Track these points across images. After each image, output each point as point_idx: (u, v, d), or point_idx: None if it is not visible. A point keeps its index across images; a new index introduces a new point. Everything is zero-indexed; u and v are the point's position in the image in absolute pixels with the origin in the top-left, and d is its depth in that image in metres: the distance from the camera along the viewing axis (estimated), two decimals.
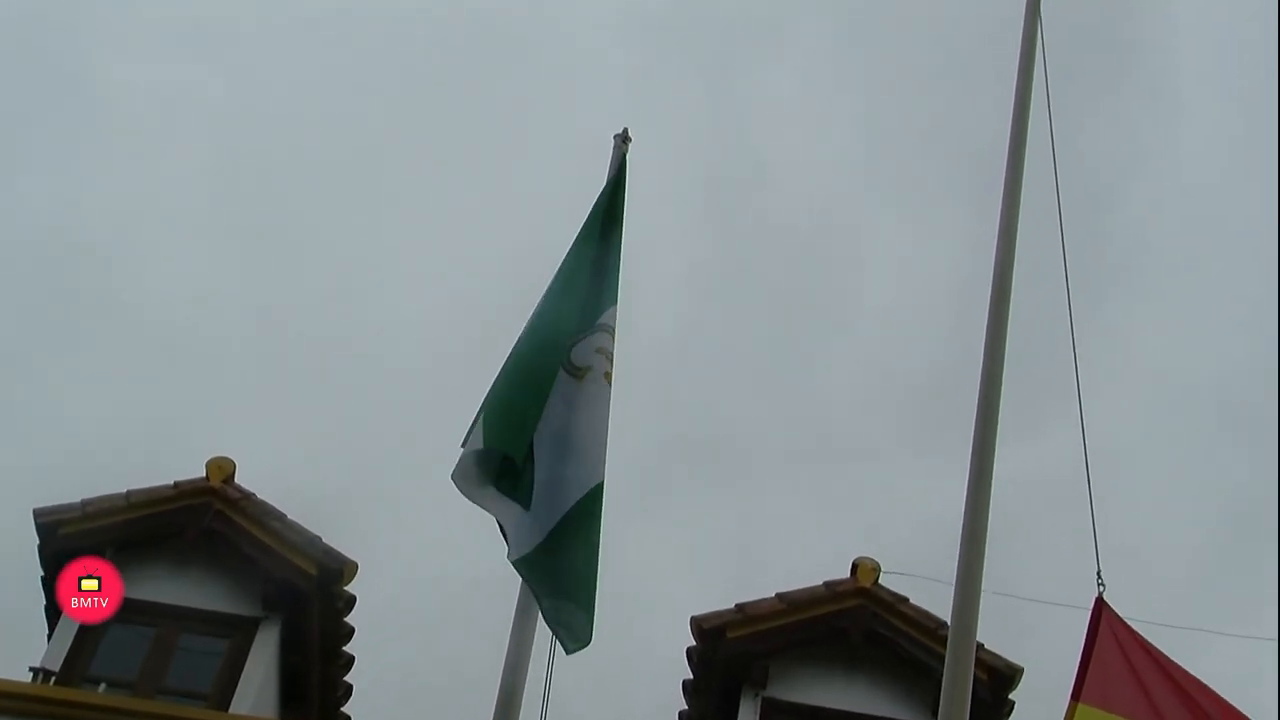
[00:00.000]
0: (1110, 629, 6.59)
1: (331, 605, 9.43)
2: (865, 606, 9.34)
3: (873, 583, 9.38)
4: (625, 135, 7.57)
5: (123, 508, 9.35)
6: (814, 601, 9.40)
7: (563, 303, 6.57)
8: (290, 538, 9.33)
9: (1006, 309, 6.50)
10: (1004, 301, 6.53)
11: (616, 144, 7.58)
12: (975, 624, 5.80)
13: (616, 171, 7.44)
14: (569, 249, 6.87)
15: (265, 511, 9.41)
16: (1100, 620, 6.55)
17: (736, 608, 9.32)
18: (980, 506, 5.96)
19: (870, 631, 9.29)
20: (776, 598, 9.41)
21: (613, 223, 7.18)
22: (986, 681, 8.72)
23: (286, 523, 9.45)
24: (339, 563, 9.32)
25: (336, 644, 9.65)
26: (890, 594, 9.40)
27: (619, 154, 7.56)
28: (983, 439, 6.13)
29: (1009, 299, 6.54)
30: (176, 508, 9.39)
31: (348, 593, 9.44)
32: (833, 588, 9.46)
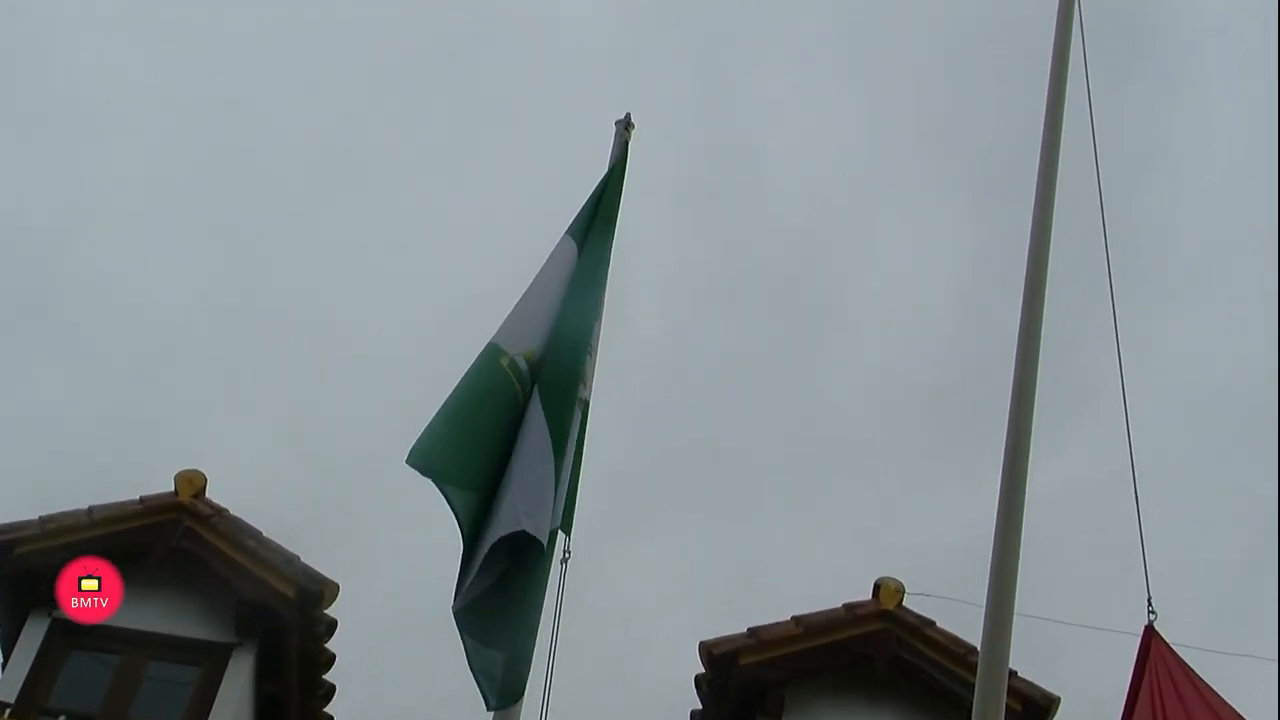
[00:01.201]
0: (1161, 660, 6.45)
1: (311, 630, 9.26)
2: (889, 630, 9.15)
3: (897, 604, 9.17)
4: (628, 122, 7.43)
5: (84, 525, 9.18)
6: (833, 625, 9.20)
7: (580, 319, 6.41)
8: (266, 557, 9.16)
9: (1040, 313, 6.37)
10: (1037, 305, 6.41)
11: (618, 131, 7.41)
12: (1008, 649, 5.66)
13: (617, 160, 7.22)
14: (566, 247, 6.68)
15: (239, 529, 9.25)
16: (1150, 651, 6.43)
17: (749, 632, 9.12)
18: (1013, 523, 5.80)
19: (895, 657, 9.11)
20: (792, 621, 9.19)
21: (605, 222, 6.92)
22: (1020, 712, 8.53)
23: (262, 541, 9.27)
24: (319, 584, 9.13)
25: (316, 672, 9.50)
26: (916, 617, 9.19)
27: (621, 141, 7.35)
28: (1015, 450, 6.00)
29: (1042, 302, 6.41)
30: (143, 525, 9.23)
31: (328, 616, 9.26)
32: (853, 610, 9.24)
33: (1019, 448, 6.03)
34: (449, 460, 5.60)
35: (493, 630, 5.54)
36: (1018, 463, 5.99)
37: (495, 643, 5.51)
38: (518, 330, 6.22)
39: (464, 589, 5.54)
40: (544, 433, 5.84)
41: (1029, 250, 6.57)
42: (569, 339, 6.32)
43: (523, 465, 5.72)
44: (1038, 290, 6.45)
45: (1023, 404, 6.14)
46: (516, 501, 5.61)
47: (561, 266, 6.63)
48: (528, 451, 5.79)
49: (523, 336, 6.21)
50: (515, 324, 6.26)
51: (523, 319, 6.29)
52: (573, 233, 6.80)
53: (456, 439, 5.70)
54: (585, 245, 6.79)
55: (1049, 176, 6.80)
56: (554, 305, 6.40)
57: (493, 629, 5.55)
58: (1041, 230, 6.63)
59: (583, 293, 6.56)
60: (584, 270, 6.67)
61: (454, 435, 5.70)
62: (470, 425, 5.78)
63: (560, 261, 6.65)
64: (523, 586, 5.58)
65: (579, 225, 6.87)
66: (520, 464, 5.72)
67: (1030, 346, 6.28)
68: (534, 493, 5.66)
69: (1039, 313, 6.38)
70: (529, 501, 5.62)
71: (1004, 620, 5.67)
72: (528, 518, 5.53)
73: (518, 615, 5.55)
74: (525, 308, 6.35)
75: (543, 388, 5.98)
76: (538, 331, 6.26)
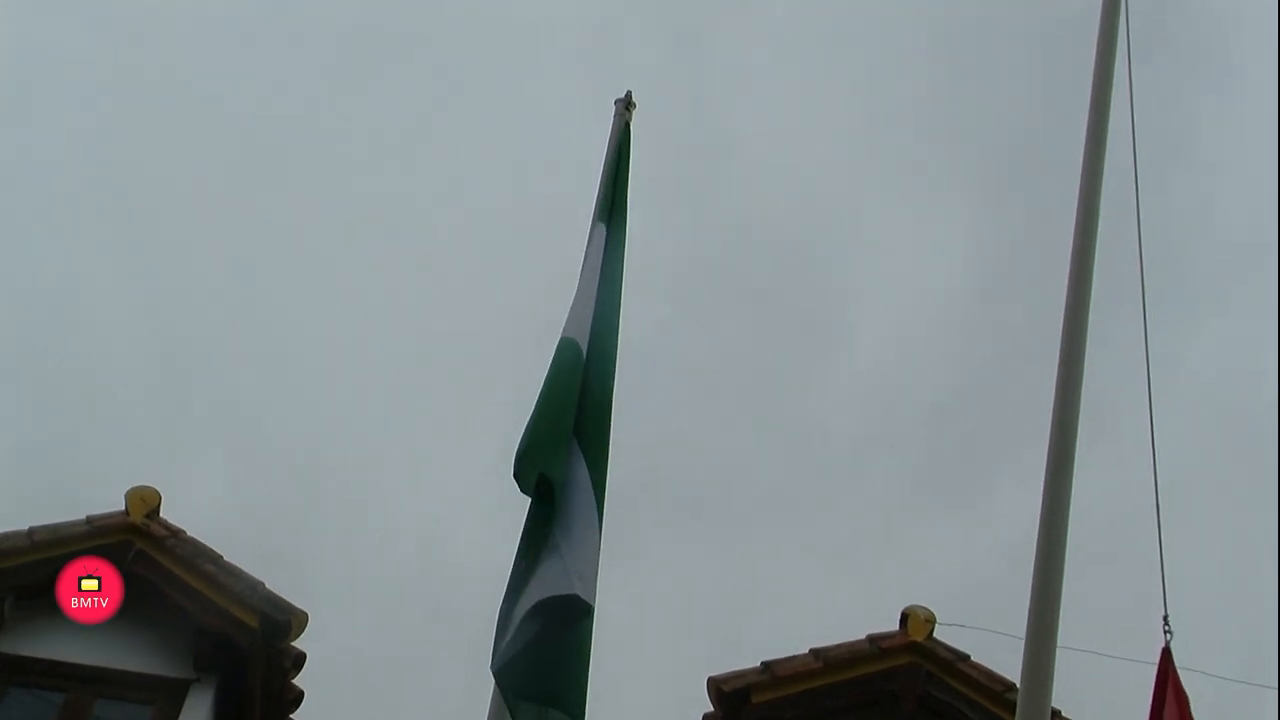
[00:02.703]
0: (1177, 686, 6.43)
1: (277, 664, 9.10)
2: (918, 665, 8.98)
3: (926, 636, 8.97)
4: (628, 100, 7.34)
5: (25, 548, 8.98)
6: (856, 659, 9.01)
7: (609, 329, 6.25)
8: (227, 583, 9.00)
9: (1085, 319, 6.30)
10: (1081, 310, 6.33)
11: (617, 111, 7.30)
12: (1050, 685, 5.54)
13: (618, 145, 7.06)
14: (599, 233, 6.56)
15: (197, 552, 9.09)
16: (1169, 675, 6.44)
17: (762, 666, 8.92)
18: (1055, 546, 5.75)
19: (924, 695, 8.94)
20: (811, 654, 8.99)
21: (616, 210, 6.77)
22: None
23: (222, 565, 9.10)
24: (285, 613, 8.96)
25: (282, 710, 9.32)
26: (948, 650, 8.99)
27: (620, 123, 7.22)
28: (1057, 467, 5.91)
29: (1088, 307, 6.34)
30: (90, 548, 8.95)
31: (296, 649, 9.10)
32: (878, 642, 9.01)
33: (1062, 462, 5.95)
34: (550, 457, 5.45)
35: (541, 684, 5.37)
36: (1060, 480, 5.90)
37: (544, 697, 5.33)
38: (578, 318, 6.07)
39: (504, 644, 5.27)
40: (588, 484, 5.71)
41: (1070, 266, 6.47)
42: (603, 352, 6.16)
43: (571, 521, 5.55)
44: (1081, 305, 6.37)
45: (1066, 419, 6.06)
46: (566, 560, 5.44)
47: (597, 255, 6.50)
48: (577, 507, 5.62)
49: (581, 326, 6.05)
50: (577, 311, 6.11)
51: (578, 305, 6.14)
52: (601, 215, 6.72)
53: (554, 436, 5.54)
54: (611, 225, 6.70)
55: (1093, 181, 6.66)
56: (591, 304, 6.25)
57: (541, 682, 5.39)
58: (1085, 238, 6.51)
59: (612, 287, 6.44)
60: (613, 254, 6.57)
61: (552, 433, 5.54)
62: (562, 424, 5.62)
63: (597, 249, 6.53)
64: (574, 642, 5.46)
65: (603, 207, 6.77)
66: (569, 519, 5.55)
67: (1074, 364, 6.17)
68: (582, 552, 5.49)
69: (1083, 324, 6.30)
70: (579, 561, 5.45)
71: (1045, 652, 5.57)
72: (580, 580, 5.38)
73: (569, 670, 5.46)
74: (580, 294, 6.21)
75: (579, 434, 5.79)
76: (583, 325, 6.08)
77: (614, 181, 6.98)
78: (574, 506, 5.60)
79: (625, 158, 7.17)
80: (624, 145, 7.19)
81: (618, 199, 6.89)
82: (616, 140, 7.25)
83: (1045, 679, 5.57)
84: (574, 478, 5.68)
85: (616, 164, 7.04)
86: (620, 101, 7.40)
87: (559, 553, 5.46)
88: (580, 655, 5.49)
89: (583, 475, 5.73)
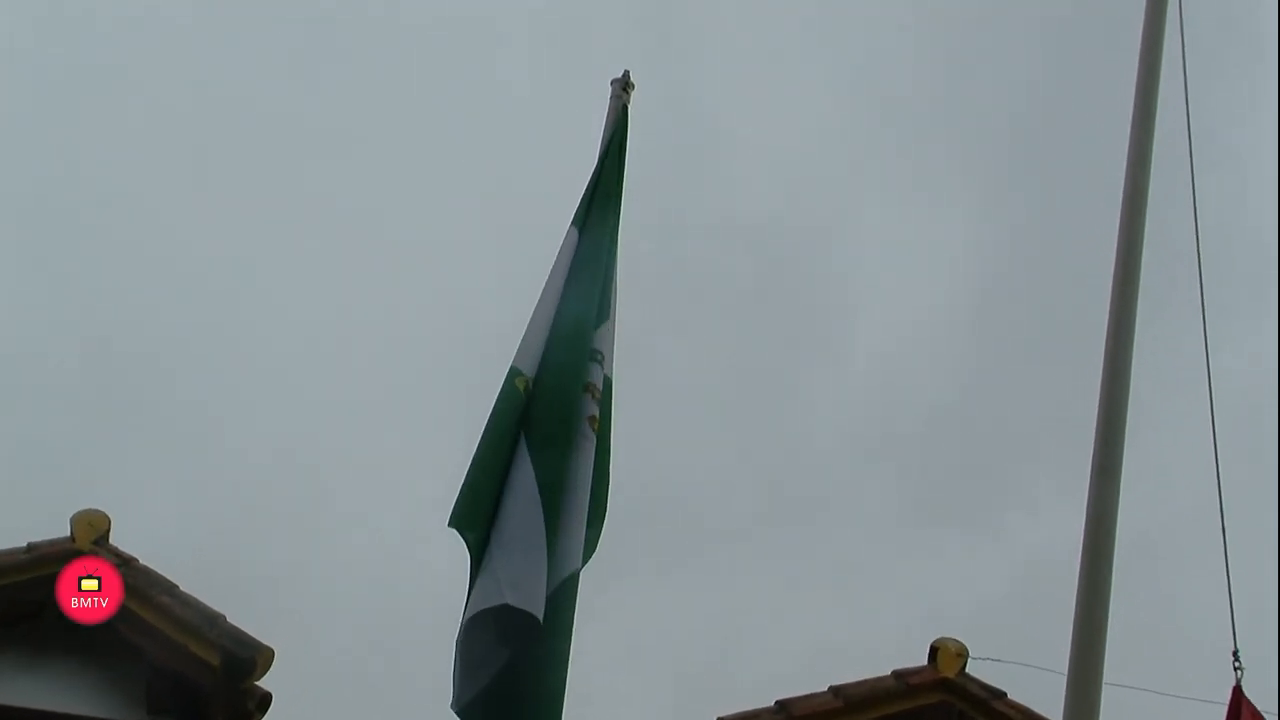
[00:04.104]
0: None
1: (239, 706, 8.90)
2: (950, 703, 8.99)
3: (958, 671, 8.92)
4: (626, 81, 7.20)
5: None
6: (880, 696, 8.97)
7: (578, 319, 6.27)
8: (184, 616, 8.82)
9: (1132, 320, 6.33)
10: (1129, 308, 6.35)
11: (614, 93, 7.09)
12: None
13: (616, 127, 6.94)
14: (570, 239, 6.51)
15: (150, 581, 8.93)
16: (1240, 715, 6.48)
17: (778, 705, 8.85)
18: (1099, 573, 5.82)
19: None
20: (830, 692, 8.91)
21: (607, 198, 6.74)
22: None
23: (178, 596, 8.92)
24: (249, 649, 8.77)
25: None
26: (982, 687, 8.94)
27: (618, 106, 7.07)
28: (1102, 480, 5.97)
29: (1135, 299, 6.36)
30: (32, 579, 8.86)
31: (260, 689, 8.91)
32: (905, 678, 8.92)
33: (1108, 472, 5.99)
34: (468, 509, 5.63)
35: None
36: (1105, 497, 5.94)
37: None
38: (527, 346, 6.11)
39: (464, 679, 5.47)
40: (529, 479, 5.72)
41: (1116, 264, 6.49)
42: (564, 350, 6.16)
43: (505, 532, 5.60)
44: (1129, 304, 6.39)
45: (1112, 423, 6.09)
46: (497, 570, 5.49)
47: (565, 261, 6.45)
48: (512, 506, 5.66)
49: (529, 354, 6.08)
50: (527, 339, 6.13)
51: (529, 332, 6.16)
52: (576, 220, 6.62)
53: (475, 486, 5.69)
54: (585, 229, 6.59)
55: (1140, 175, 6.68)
56: (551, 311, 6.24)
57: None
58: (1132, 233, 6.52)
59: (581, 285, 6.37)
60: (582, 256, 6.48)
61: (474, 482, 5.69)
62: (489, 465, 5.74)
63: (565, 257, 6.47)
64: (541, 675, 5.53)
65: (581, 209, 6.67)
66: (501, 531, 5.60)
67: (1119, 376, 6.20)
68: (518, 555, 5.52)
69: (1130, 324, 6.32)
70: (513, 568, 5.48)
71: (1091, 689, 5.62)
72: (512, 588, 5.41)
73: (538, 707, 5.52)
74: (534, 318, 6.21)
75: (528, 424, 5.86)
76: (533, 350, 6.10)
77: (603, 172, 6.86)
78: (509, 515, 5.64)
79: (622, 145, 7.05)
80: (620, 131, 7.05)
81: (602, 192, 6.73)
82: (613, 126, 7.12)
83: (1091, 718, 5.59)
84: (513, 484, 5.69)
85: (607, 152, 6.90)
86: (617, 82, 7.13)
87: (489, 567, 5.50)
88: (549, 689, 5.49)
89: (526, 480, 5.71)
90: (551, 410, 5.94)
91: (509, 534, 5.57)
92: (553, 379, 6.02)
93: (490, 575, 5.47)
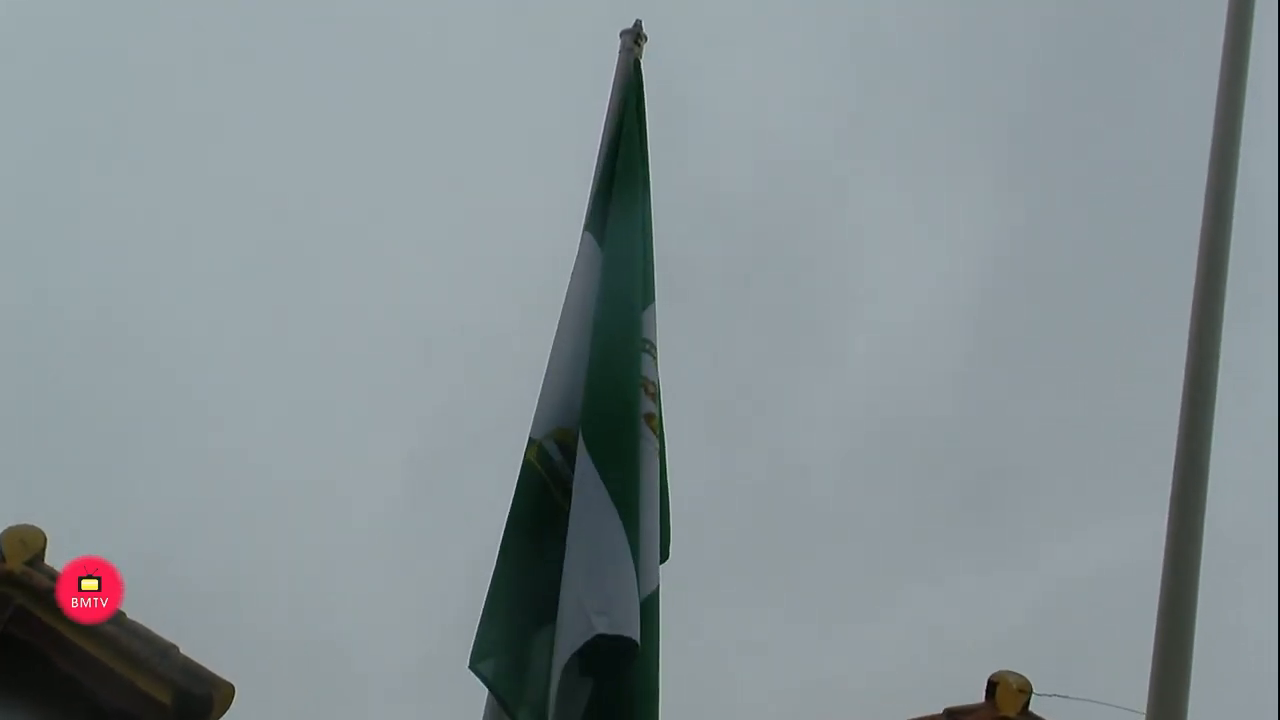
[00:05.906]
0: None
1: None
2: None
3: (1020, 710, 8.77)
4: (638, 32, 6.89)
5: None
6: None
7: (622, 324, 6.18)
8: (131, 647, 8.61)
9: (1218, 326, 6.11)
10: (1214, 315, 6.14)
11: (624, 45, 6.88)
12: None
13: (625, 89, 6.73)
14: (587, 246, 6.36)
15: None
16: None
17: None
18: (1183, 599, 5.57)
19: None
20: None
21: (630, 171, 6.52)
22: None
23: (125, 625, 8.64)
24: (206, 685, 8.63)
25: None
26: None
27: (629, 60, 6.82)
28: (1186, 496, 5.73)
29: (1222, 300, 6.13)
30: None
31: None
32: (959, 717, 8.85)
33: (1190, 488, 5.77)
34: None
35: None
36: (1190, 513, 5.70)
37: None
38: (547, 404, 5.99)
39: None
40: (604, 498, 5.66)
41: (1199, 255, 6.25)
42: (614, 345, 6.07)
43: (581, 556, 5.57)
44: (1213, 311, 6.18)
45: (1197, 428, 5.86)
46: (583, 602, 5.45)
47: (587, 276, 6.27)
48: (586, 534, 5.60)
49: (553, 408, 5.97)
50: (545, 398, 6.02)
51: (550, 385, 6.05)
52: (590, 225, 6.45)
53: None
54: (606, 231, 6.38)
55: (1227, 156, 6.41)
56: (587, 330, 6.10)
57: None
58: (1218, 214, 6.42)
59: (617, 286, 6.21)
60: (612, 259, 6.30)
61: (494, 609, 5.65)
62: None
63: (584, 272, 6.30)
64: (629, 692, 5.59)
65: (595, 208, 6.52)
66: (578, 556, 5.56)
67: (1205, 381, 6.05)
68: (604, 580, 5.52)
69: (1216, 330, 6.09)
70: (598, 596, 5.46)
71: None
72: (600, 615, 5.41)
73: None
74: (551, 368, 6.08)
75: (589, 442, 5.74)
76: (571, 390, 5.98)
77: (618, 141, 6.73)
78: (582, 533, 5.58)
79: (639, 106, 6.90)
80: (633, 89, 6.89)
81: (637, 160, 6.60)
82: (623, 85, 6.98)
83: None
84: (583, 489, 5.62)
85: (621, 117, 6.76)
86: (628, 33, 6.89)
87: (570, 599, 5.46)
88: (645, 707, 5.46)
89: (596, 495, 5.62)
90: (610, 417, 5.88)
91: (588, 559, 5.55)
92: (604, 381, 5.97)
93: (575, 609, 5.36)
